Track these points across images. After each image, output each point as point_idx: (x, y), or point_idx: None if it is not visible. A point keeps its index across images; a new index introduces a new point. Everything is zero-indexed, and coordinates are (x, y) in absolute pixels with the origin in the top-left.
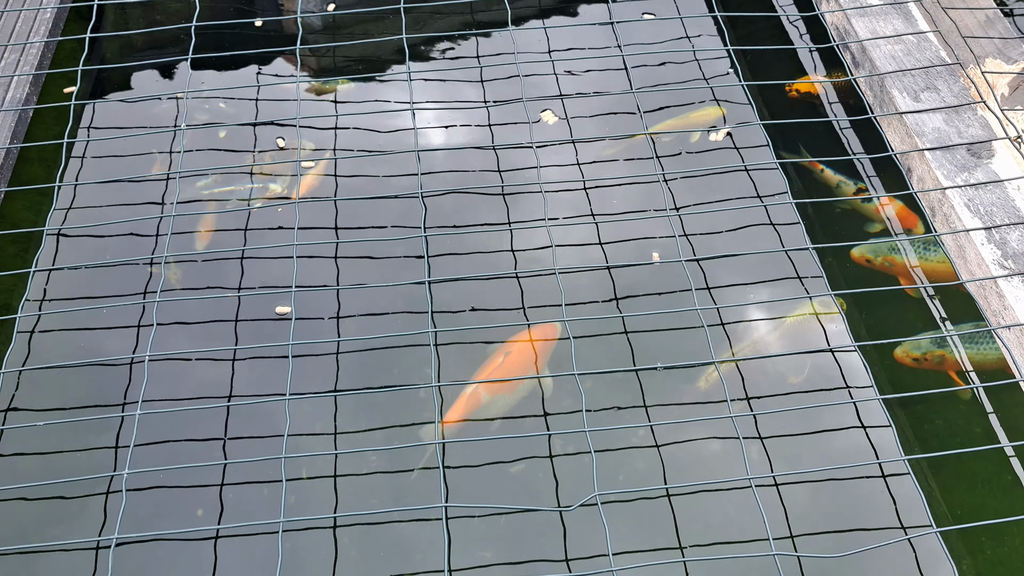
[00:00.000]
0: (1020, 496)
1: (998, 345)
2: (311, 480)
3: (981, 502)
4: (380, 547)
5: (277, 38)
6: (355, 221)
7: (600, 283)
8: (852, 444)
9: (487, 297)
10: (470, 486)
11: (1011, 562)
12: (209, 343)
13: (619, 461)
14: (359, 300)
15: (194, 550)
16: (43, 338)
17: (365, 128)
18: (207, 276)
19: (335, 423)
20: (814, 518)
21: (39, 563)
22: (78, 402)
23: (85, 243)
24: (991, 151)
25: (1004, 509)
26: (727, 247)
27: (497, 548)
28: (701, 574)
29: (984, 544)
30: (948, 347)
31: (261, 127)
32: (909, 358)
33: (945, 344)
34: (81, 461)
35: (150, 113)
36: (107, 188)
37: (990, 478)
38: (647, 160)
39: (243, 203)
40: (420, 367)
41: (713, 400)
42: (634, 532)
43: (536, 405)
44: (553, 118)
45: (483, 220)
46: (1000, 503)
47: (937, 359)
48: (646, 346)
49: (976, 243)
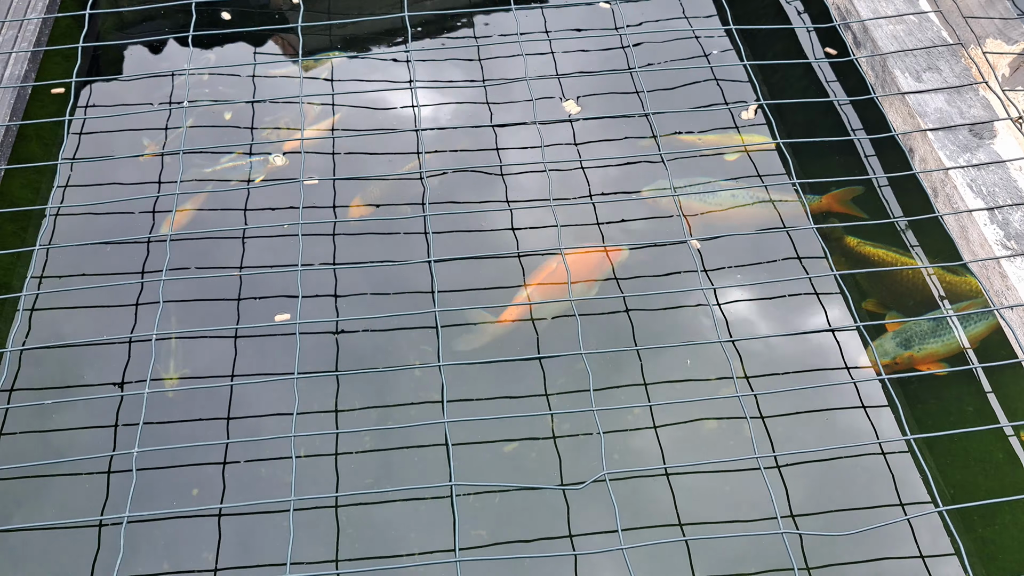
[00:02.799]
0: (1011, 475)
1: (955, 335)
2: (311, 459)
3: (974, 481)
4: (385, 526)
5: (278, 15)
6: (356, 200)
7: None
8: (853, 424)
9: (491, 277)
10: (467, 466)
11: (1001, 540)
12: (212, 323)
13: (615, 441)
14: (361, 279)
15: (205, 528)
16: (46, 316)
17: (364, 106)
18: (211, 254)
19: (336, 402)
20: (817, 497)
21: (50, 541)
22: (83, 380)
23: (87, 221)
24: (993, 132)
25: (995, 488)
26: (729, 226)
27: (498, 528)
28: (708, 552)
29: (976, 523)
30: (914, 345)
31: (262, 104)
32: (882, 366)
33: (912, 343)
34: (89, 440)
35: (149, 91)
36: (108, 166)
37: (982, 457)
38: (648, 139)
39: (243, 180)
40: (423, 346)
41: (714, 377)
42: (641, 511)
43: (538, 385)
44: (576, 108)
45: (486, 199)
46: (992, 482)
47: (906, 360)
48: (649, 326)
49: (979, 224)
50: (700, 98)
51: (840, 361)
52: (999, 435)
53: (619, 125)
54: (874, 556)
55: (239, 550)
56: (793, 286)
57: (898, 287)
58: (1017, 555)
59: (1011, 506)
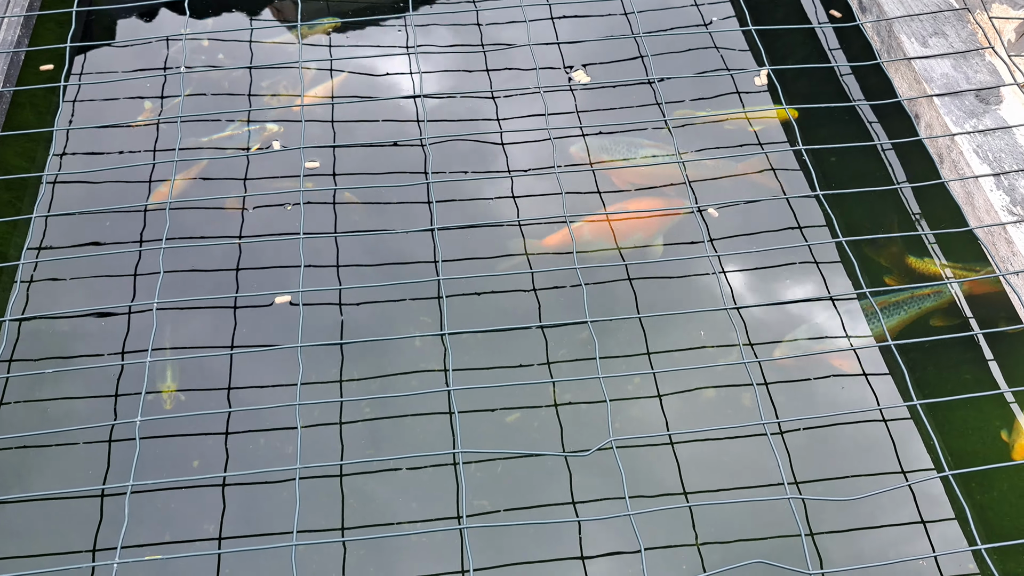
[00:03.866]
0: (1003, 442)
1: (905, 312)
2: (312, 430)
3: (972, 449)
4: (389, 495)
5: None
6: (356, 169)
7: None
8: (856, 391)
9: (494, 246)
10: (469, 437)
11: (999, 507)
12: (212, 292)
13: (617, 411)
14: (363, 247)
15: (207, 499)
16: (44, 287)
17: (363, 73)
18: (210, 224)
19: (341, 372)
20: (822, 464)
21: (50, 513)
22: (83, 351)
23: (84, 189)
24: (999, 97)
25: (992, 456)
26: (736, 193)
27: (500, 498)
28: (714, 520)
29: (973, 490)
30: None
31: (259, 72)
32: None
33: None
34: (87, 412)
35: (145, 58)
36: (105, 134)
37: (980, 425)
38: (651, 107)
39: (241, 149)
40: (425, 316)
41: (717, 345)
42: (644, 479)
43: (540, 355)
44: (585, 77)
45: (489, 168)
46: (989, 449)
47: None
48: (655, 295)
49: (985, 189)
50: (704, 64)
51: (841, 329)
52: (999, 403)
53: (623, 92)
54: (878, 522)
55: (241, 522)
56: (794, 254)
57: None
58: (1015, 522)
59: (1008, 474)
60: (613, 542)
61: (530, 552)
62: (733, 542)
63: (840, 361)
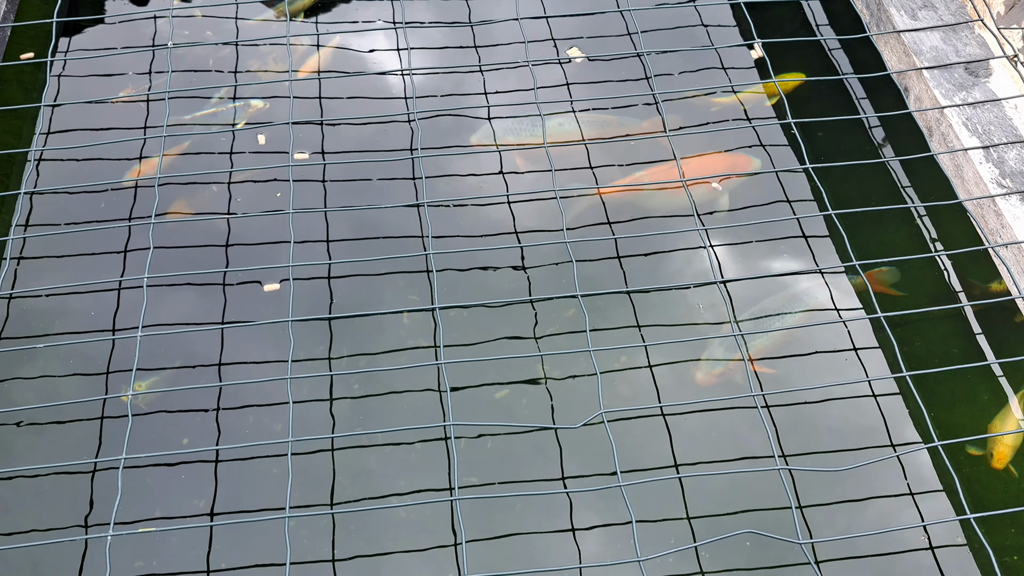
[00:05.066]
0: (991, 414)
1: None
2: (301, 406)
3: (959, 422)
4: (378, 470)
5: None
6: (345, 146)
7: (599, 206)
8: (846, 364)
9: (483, 222)
10: (458, 412)
11: (986, 480)
12: (202, 267)
13: (605, 385)
14: (351, 223)
15: (197, 474)
16: (32, 264)
17: (350, 48)
18: (196, 199)
19: (330, 348)
20: (811, 436)
21: (40, 489)
22: (73, 328)
23: (71, 167)
24: (988, 70)
25: (980, 428)
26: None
27: (489, 473)
28: (705, 490)
29: (962, 462)
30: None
31: (245, 49)
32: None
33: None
34: (80, 386)
35: (131, 36)
36: (92, 110)
37: (967, 398)
38: (640, 81)
39: (227, 125)
40: (413, 294)
41: (711, 322)
42: (634, 453)
43: (528, 329)
44: (579, 54)
45: (476, 143)
46: (976, 422)
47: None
48: (643, 267)
49: (974, 162)
50: (693, 39)
51: (831, 302)
52: (986, 375)
53: (612, 67)
54: (868, 493)
55: (232, 497)
56: (783, 228)
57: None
58: (1001, 495)
59: (993, 445)
60: (604, 514)
61: (522, 525)
62: (724, 514)
63: (829, 334)
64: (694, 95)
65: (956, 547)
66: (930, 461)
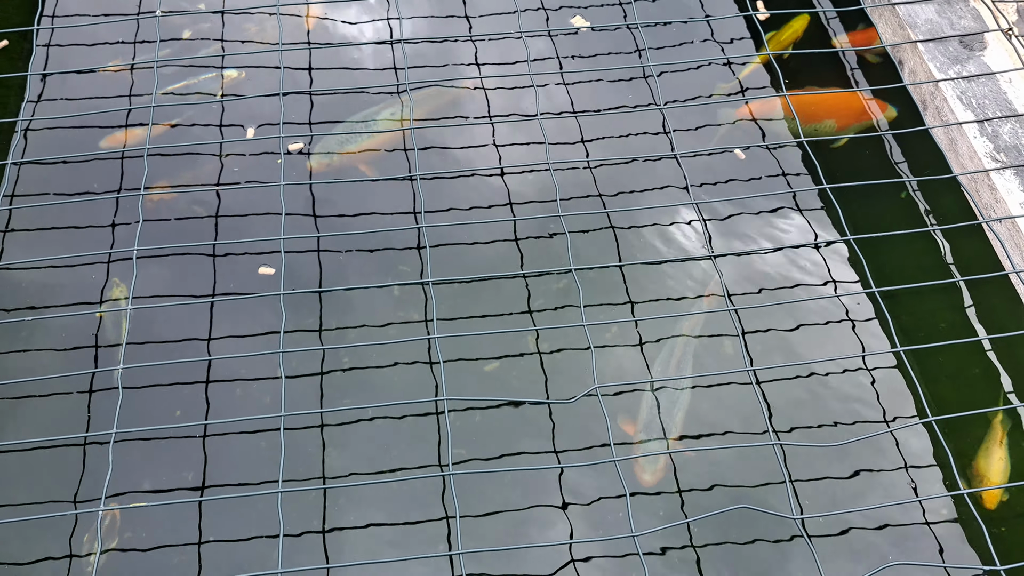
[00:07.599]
0: (983, 389)
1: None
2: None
3: (949, 396)
4: (369, 443)
5: None
6: (334, 116)
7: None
8: (840, 338)
9: (476, 195)
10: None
11: (973, 453)
12: (194, 240)
13: (602, 357)
14: (345, 195)
15: (187, 448)
16: (20, 236)
17: (341, 20)
18: (186, 171)
19: (320, 322)
20: (805, 410)
21: (29, 463)
22: (62, 300)
23: (58, 136)
24: (983, 43)
25: (969, 402)
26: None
27: (479, 447)
28: (699, 464)
29: (950, 436)
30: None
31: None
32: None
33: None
34: (68, 358)
35: (118, 4)
36: (80, 80)
37: (956, 373)
38: (632, 54)
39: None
40: (404, 265)
41: (697, 296)
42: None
43: (521, 304)
44: (583, 23)
45: (469, 114)
46: (965, 396)
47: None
48: (635, 241)
49: (968, 136)
50: (687, 10)
51: (827, 275)
52: (976, 350)
53: (604, 37)
54: (862, 467)
55: (222, 471)
56: (778, 201)
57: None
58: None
59: (984, 420)
60: (598, 488)
61: (515, 499)
62: (718, 488)
63: (823, 309)
64: (687, 67)
65: (949, 523)
66: (925, 436)
